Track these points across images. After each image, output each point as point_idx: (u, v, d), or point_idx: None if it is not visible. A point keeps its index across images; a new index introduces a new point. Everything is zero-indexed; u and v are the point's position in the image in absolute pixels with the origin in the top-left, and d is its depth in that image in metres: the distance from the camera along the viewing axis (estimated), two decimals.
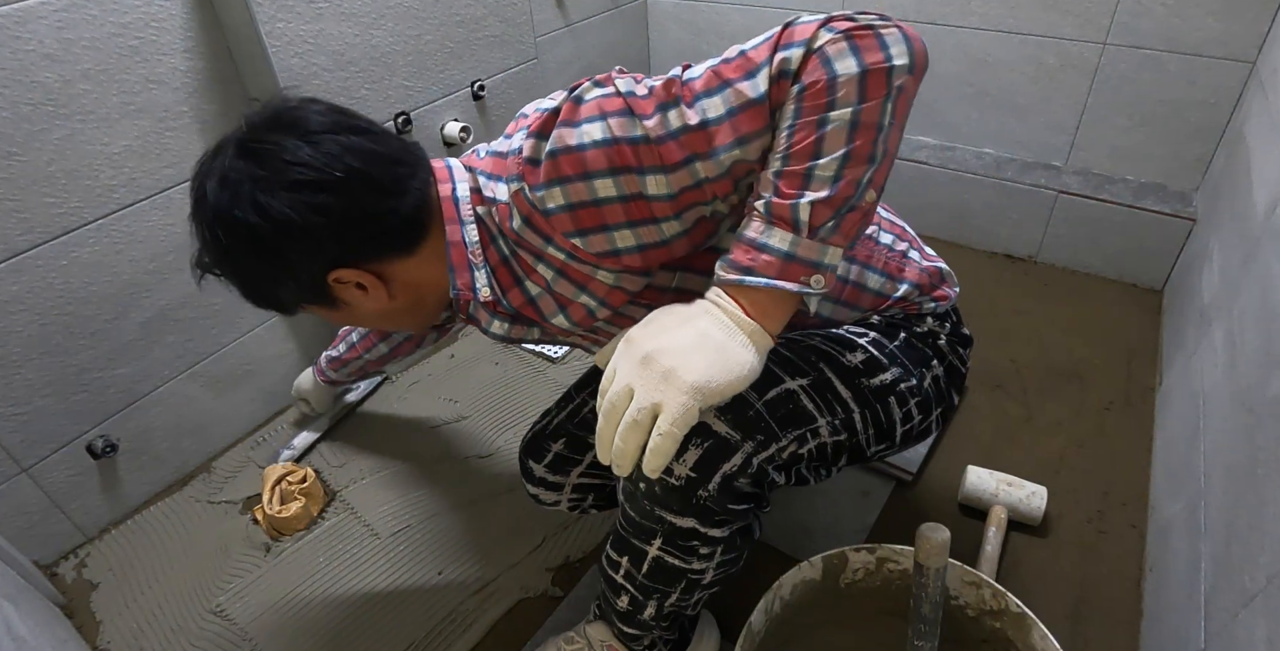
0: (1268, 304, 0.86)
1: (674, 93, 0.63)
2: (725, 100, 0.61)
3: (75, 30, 0.96)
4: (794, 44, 0.59)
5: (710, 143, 0.62)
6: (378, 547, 1.16)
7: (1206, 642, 0.74)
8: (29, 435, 1.09)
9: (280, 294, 0.75)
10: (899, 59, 0.59)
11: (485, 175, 0.74)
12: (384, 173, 0.70)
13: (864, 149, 0.59)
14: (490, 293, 0.76)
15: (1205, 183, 1.51)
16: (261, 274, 0.72)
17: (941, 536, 0.68)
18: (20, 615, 0.90)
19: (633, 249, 0.68)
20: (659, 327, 0.63)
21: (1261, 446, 0.75)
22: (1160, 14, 1.40)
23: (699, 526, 0.70)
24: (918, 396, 0.81)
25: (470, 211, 0.74)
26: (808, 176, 0.60)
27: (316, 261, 0.70)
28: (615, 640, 0.88)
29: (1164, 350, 1.41)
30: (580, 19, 1.79)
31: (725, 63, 0.62)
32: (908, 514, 1.16)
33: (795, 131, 0.59)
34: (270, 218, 0.66)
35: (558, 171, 0.64)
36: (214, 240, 0.69)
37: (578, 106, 0.65)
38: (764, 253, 0.62)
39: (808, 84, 0.58)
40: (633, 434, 0.61)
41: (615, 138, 0.63)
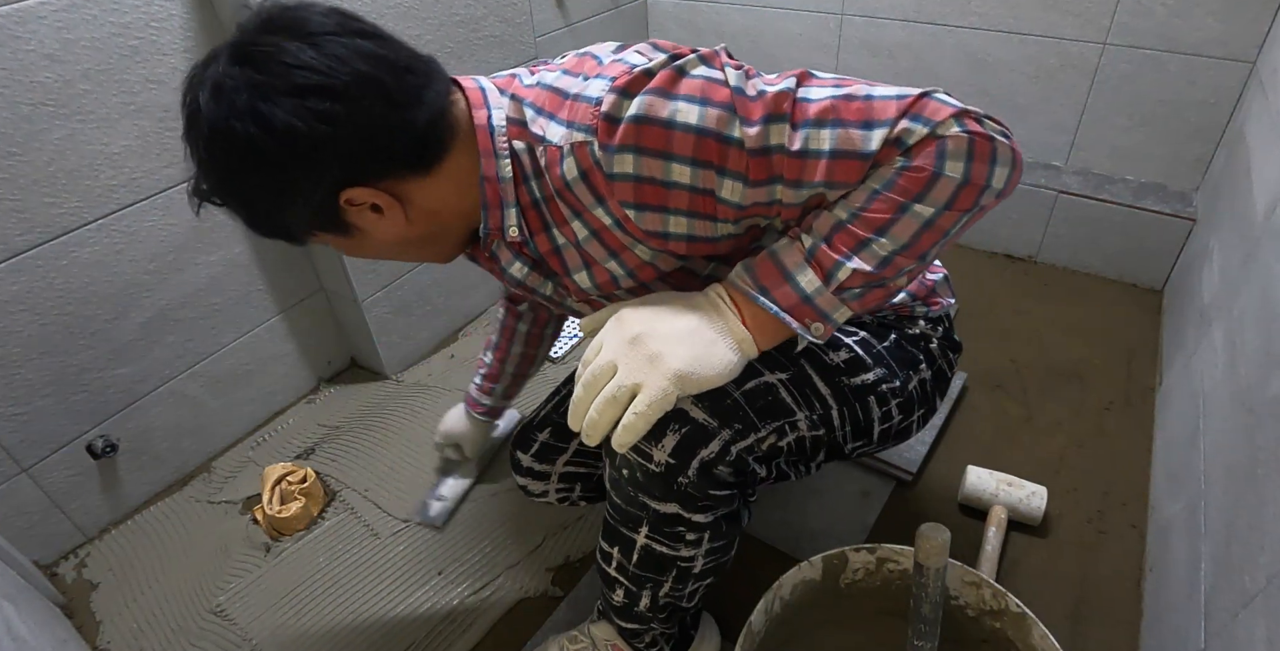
0: (1268, 304, 0.86)
1: (784, 108, 0.60)
2: (833, 139, 0.59)
3: (75, 30, 0.96)
4: (921, 119, 0.58)
5: (800, 172, 0.61)
6: (378, 547, 1.16)
7: (1206, 642, 0.74)
8: (29, 435, 1.09)
9: (288, 219, 0.67)
10: (998, 182, 0.60)
11: (534, 108, 0.67)
12: (396, 80, 0.63)
13: (923, 247, 0.62)
14: (519, 233, 0.72)
15: (1205, 183, 1.51)
16: (266, 196, 0.65)
17: (941, 536, 0.68)
18: (20, 615, 0.90)
19: (682, 237, 0.66)
20: (654, 311, 0.65)
21: (1261, 446, 0.75)
22: (1160, 14, 1.40)
23: (682, 512, 0.71)
24: (900, 397, 0.81)
25: (505, 143, 0.68)
26: (863, 245, 0.61)
27: (325, 178, 0.63)
28: (619, 639, 0.88)
29: (1164, 350, 1.41)
30: (580, 19, 1.79)
31: (848, 100, 0.59)
32: (908, 514, 1.16)
33: (876, 199, 0.60)
34: (272, 128, 0.59)
35: (638, 139, 0.60)
36: (211, 159, 0.63)
37: (679, 78, 0.61)
38: (787, 284, 0.64)
39: (912, 166, 0.58)
40: (609, 408, 0.63)
41: (710, 130, 0.60)
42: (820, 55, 1.82)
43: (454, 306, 1.61)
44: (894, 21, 1.68)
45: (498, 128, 0.68)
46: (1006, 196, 0.62)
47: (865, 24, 1.72)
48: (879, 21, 1.70)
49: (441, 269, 1.53)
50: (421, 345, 1.56)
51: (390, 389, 1.49)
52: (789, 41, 1.84)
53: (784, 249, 0.64)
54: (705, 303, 0.66)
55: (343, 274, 1.35)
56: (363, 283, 1.37)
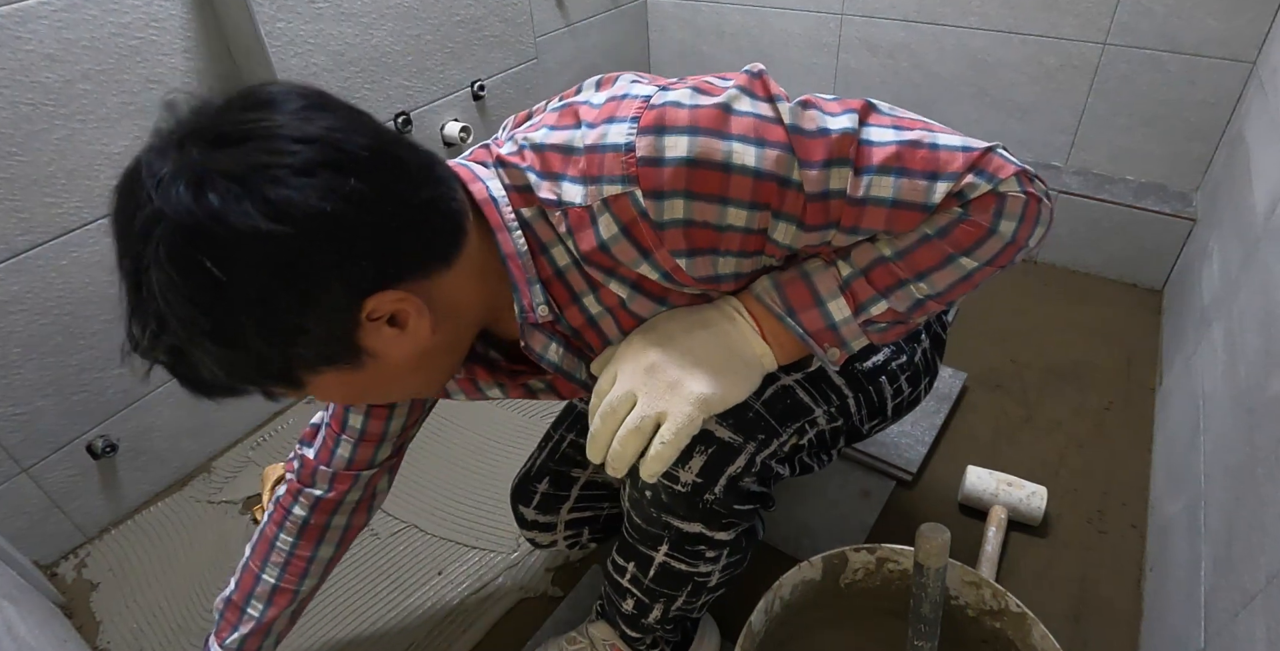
0: (1268, 304, 0.86)
1: (848, 152, 0.56)
2: (896, 189, 0.57)
3: (75, 30, 0.96)
4: (986, 175, 0.57)
5: (858, 220, 0.58)
6: (378, 547, 1.16)
7: (1206, 642, 0.74)
8: (29, 435, 1.09)
9: (291, 354, 0.53)
10: (1033, 242, 0.61)
11: (535, 172, 0.59)
12: (410, 155, 0.54)
13: (953, 296, 0.63)
14: (548, 310, 0.64)
15: (1205, 183, 1.51)
16: (271, 322, 0.50)
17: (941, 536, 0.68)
18: (20, 615, 0.90)
19: (729, 277, 0.62)
20: (665, 335, 0.62)
21: (1261, 446, 0.75)
22: (1160, 14, 1.40)
23: (705, 530, 0.70)
24: (908, 371, 0.82)
25: (512, 216, 0.61)
26: (901, 285, 0.61)
27: (353, 282, 0.51)
28: (619, 640, 0.88)
29: (1164, 350, 1.41)
30: (580, 19, 1.79)
31: (913, 147, 0.57)
32: (908, 514, 1.15)
33: (925, 244, 0.59)
34: (290, 217, 0.46)
35: (689, 184, 0.54)
36: (188, 283, 0.47)
37: (726, 116, 0.55)
38: (816, 310, 0.62)
39: (969, 221, 0.58)
40: (633, 439, 0.60)
41: (768, 172, 0.55)
42: (820, 55, 1.82)
43: None
44: (894, 21, 1.68)
45: (499, 199, 0.60)
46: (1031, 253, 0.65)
47: (865, 24, 1.72)
48: (879, 21, 1.70)
49: None
50: None
51: None
52: (789, 41, 1.84)
53: (818, 273, 0.62)
54: (720, 317, 0.64)
55: None
56: None
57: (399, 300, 0.53)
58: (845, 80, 1.82)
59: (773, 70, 1.90)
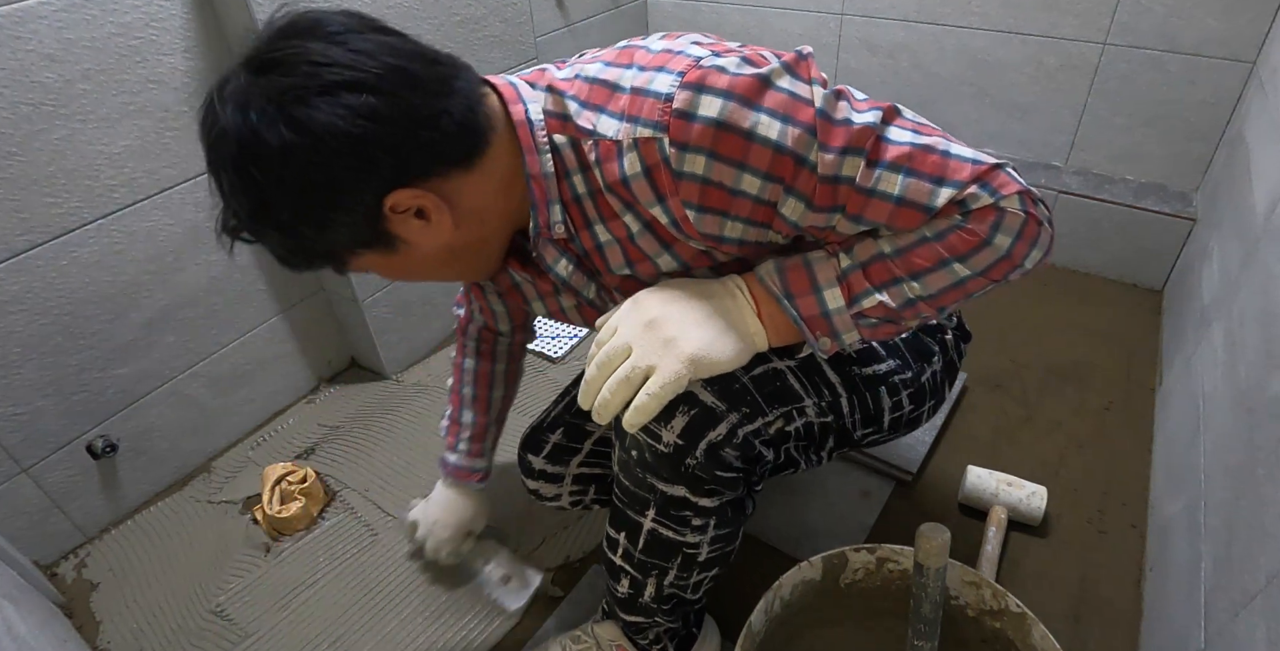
0: (1268, 304, 0.86)
1: (865, 144, 0.60)
2: (904, 187, 0.60)
3: (75, 30, 0.96)
4: (989, 188, 0.60)
5: (863, 209, 0.62)
6: (377, 547, 1.16)
7: (1206, 642, 0.74)
8: (29, 435, 1.09)
9: (330, 239, 0.64)
10: (1029, 263, 0.64)
11: (578, 101, 0.65)
12: (426, 70, 0.61)
13: (945, 301, 0.65)
14: (564, 229, 0.71)
15: (1205, 183, 1.51)
16: (308, 214, 0.61)
17: (941, 536, 0.68)
18: (20, 615, 0.90)
19: (734, 241, 0.66)
20: (670, 297, 0.66)
21: (1261, 446, 0.75)
22: (1160, 14, 1.40)
23: (689, 495, 0.72)
24: (911, 388, 0.82)
25: (545, 138, 0.67)
26: (895, 282, 0.64)
27: (371, 182, 0.60)
28: (624, 639, 0.88)
29: (1164, 350, 1.41)
30: (580, 19, 1.79)
31: (926, 151, 0.60)
32: (908, 514, 1.16)
33: (924, 246, 0.62)
34: (311, 132, 0.56)
35: (714, 144, 0.59)
36: (244, 183, 0.59)
37: (763, 88, 0.59)
38: (813, 296, 0.65)
39: (966, 229, 0.61)
40: (623, 389, 0.64)
41: (788, 148, 0.59)
42: (820, 55, 1.82)
43: None
44: (894, 21, 1.68)
45: (535, 122, 0.66)
46: (1026, 276, 0.66)
47: (865, 24, 1.72)
48: (879, 21, 1.70)
49: None
50: (421, 345, 1.56)
51: (390, 389, 1.49)
52: (789, 41, 1.84)
53: (819, 262, 0.66)
54: (723, 292, 0.68)
55: None
56: (363, 282, 1.37)
57: (417, 197, 0.62)
58: (845, 80, 1.82)
59: None
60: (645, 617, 0.85)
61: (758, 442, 0.72)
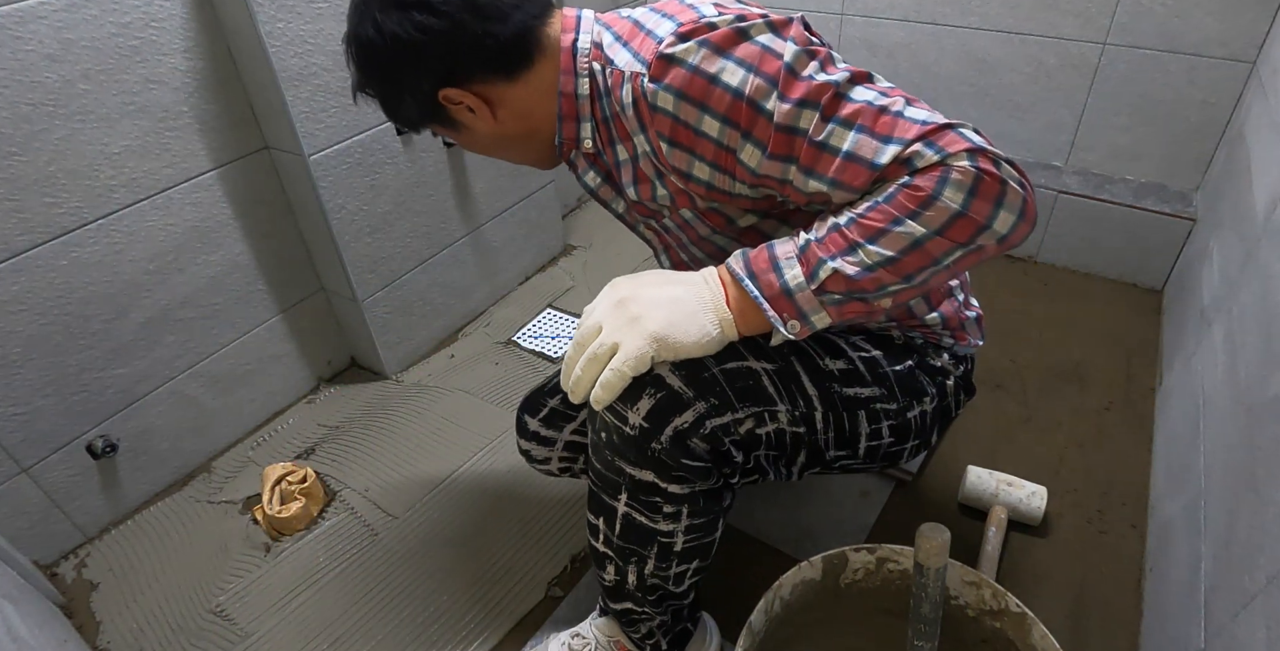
0: (1268, 304, 0.86)
1: (822, 98, 0.63)
2: (853, 143, 0.63)
3: (75, 30, 0.96)
4: (935, 147, 0.61)
5: (814, 163, 0.65)
6: (378, 547, 1.16)
7: (1206, 642, 0.74)
8: (29, 435, 1.09)
9: (406, 110, 0.79)
10: (1000, 226, 0.61)
11: (614, 35, 0.75)
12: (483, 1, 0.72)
13: (908, 267, 0.63)
14: (593, 144, 0.79)
15: (1205, 182, 1.51)
16: (389, 89, 0.77)
17: (941, 536, 0.68)
18: (20, 615, 0.90)
19: (701, 182, 0.71)
20: (643, 281, 0.70)
21: (1261, 446, 0.75)
22: (1160, 14, 1.40)
23: (658, 480, 0.72)
24: (894, 420, 0.81)
25: (586, 64, 0.75)
26: (851, 249, 0.64)
27: (425, 78, 0.74)
28: (622, 635, 0.88)
29: (1164, 350, 1.41)
30: None
31: (882, 112, 0.63)
32: (908, 514, 1.16)
33: (874, 209, 0.63)
34: (383, 33, 0.71)
35: (682, 85, 0.66)
36: (353, 58, 0.76)
37: (738, 40, 0.65)
38: (774, 274, 0.67)
39: (913, 184, 0.61)
40: (591, 366, 0.68)
41: (746, 96, 0.64)
42: None
43: (454, 306, 1.61)
44: (894, 21, 1.68)
45: (581, 50, 0.75)
46: (1011, 245, 0.64)
47: (865, 24, 1.72)
48: (879, 21, 1.70)
49: (441, 269, 1.53)
50: (421, 345, 1.56)
51: (390, 389, 1.49)
52: None
53: (781, 242, 0.68)
54: (695, 278, 0.71)
55: (343, 274, 1.35)
56: (363, 283, 1.37)
57: (463, 95, 0.75)
58: None
59: None
60: (634, 606, 0.85)
61: (727, 440, 0.72)
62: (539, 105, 0.78)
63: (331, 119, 1.21)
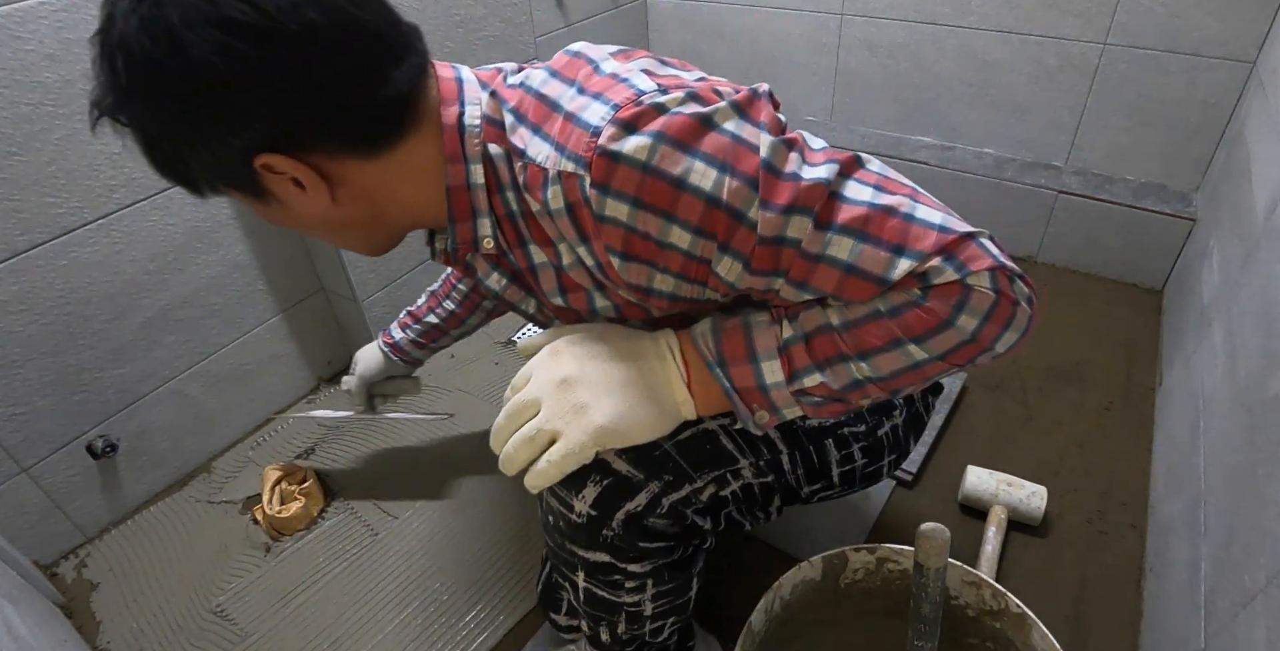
0: (1268, 304, 0.86)
1: (814, 202, 0.52)
2: (856, 254, 0.52)
3: (75, 30, 0.96)
4: (955, 262, 0.52)
5: (808, 276, 0.54)
6: (377, 547, 1.16)
7: (1206, 642, 0.74)
8: (29, 435, 1.09)
9: (190, 164, 0.57)
10: (1001, 346, 0.55)
11: (515, 114, 0.59)
12: (358, 46, 0.53)
13: (899, 383, 0.57)
14: (494, 245, 0.64)
15: (1205, 183, 1.51)
16: (165, 132, 0.55)
17: (941, 536, 0.68)
18: (20, 615, 0.90)
19: (665, 295, 0.60)
20: (591, 352, 0.61)
21: (1261, 446, 0.75)
22: (1160, 14, 1.40)
23: (615, 561, 0.67)
24: (864, 442, 0.76)
25: (478, 147, 0.60)
26: (841, 360, 0.56)
27: (240, 135, 0.53)
28: None
29: (1164, 350, 1.41)
30: (580, 19, 1.79)
31: (886, 213, 0.52)
32: (908, 514, 1.15)
33: (876, 323, 0.55)
34: (184, 56, 0.49)
35: (638, 191, 0.52)
36: (112, 73, 0.53)
37: (702, 131, 0.52)
38: (749, 366, 0.59)
39: (925, 306, 0.53)
40: (525, 448, 0.60)
41: (724, 202, 0.52)
42: (820, 55, 1.82)
43: None
44: (894, 21, 1.68)
45: (470, 128, 0.60)
46: (1002, 360, 0.59)
47: (865, 24, 1.72)
48: (879, 21, 1.70)
49: (441, 268, 1.53)
50: None
51: None
52: (789, 41, 1.84)
53: (759, 327, 0.59)
54: (652, 352, 0.61)
55: (343, 274, 1.35)
56: (363, 282, 1.37)
57: (293, 167, 0.56)
58: (845, 80, 1.82)
59: (773, 70, 1.91)
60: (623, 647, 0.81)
61: (689, 511, 0.67)
62: (399, 188, 0.61)
63: None
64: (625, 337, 0.62)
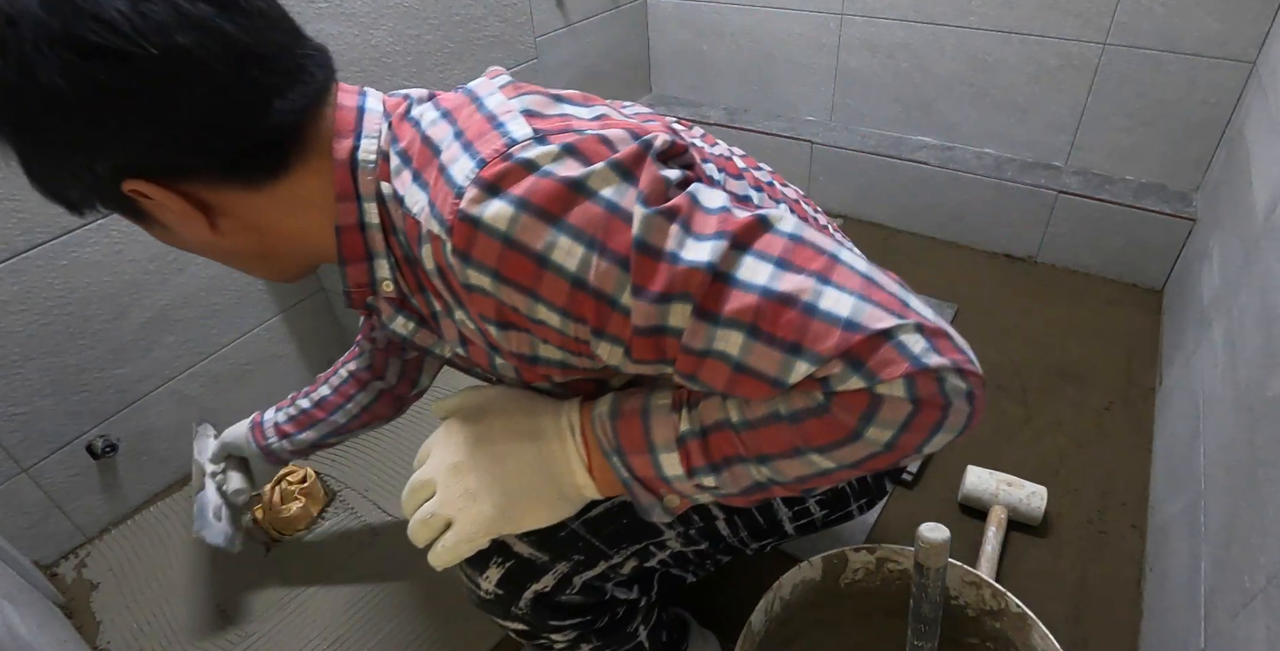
0: (1268, 304, 0.86)
1: (693, 289, 0.44)
2: (745, 351, 0.45)
3: None
4: (863, 370, 0.43)
5: (695, 370, 0.47)
6: (378, 547, 1.16)
7: (1206, 642, 0.74)
8: (29, 435, 1.09)
9: (63, 186, 0.53)
10: (931, 447, 0.47)
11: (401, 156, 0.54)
12: (235, 72, 0.48)
13: (809, 486, 0.51)
14: (394, 288, 0.59)
15: (1205, 183, 1.51)
16: (30, 151, 0.51)
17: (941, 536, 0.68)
18: (20, 615, 0.90)
19: (555, 364, 0.55)
20: (486, 434, 0.58)
21: (1261, 446, 0.75)
22: (1160, 14, 1.40)
23: (535, 629, 0.66)
24: (822, 494, 0.72)
25: (372, 184, 0.54)
26: (741, 461, 0.50)
27: (101, 161, 0.49)
28: None
29: (1164, 350, 1.41)
30: (580, 19, 1.79)
31: (782, 304, 0.44)
32: (908, 514, 1.16)
33: (774, 425, 0.48)
34: (33, 80, 0.45)
35: (499, 264, 0.47)
36: None
37: (571, 199, 0.45)
38: (648, 456, 0.53)
39: (829, 415, 0.45)
40: (423, 530, 0.58)
41: (590, 286, 0.46)
42: (820, 55, 1.82)
43: None
44: (894, 21, 1.68)
45: (364, 163, 0.54)
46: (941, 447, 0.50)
47: (865, 24, 1.72)
48: (879, 21, 1.70)
49: None
50: None
51: None
52: (789, 41, 1.84)
53: (659, 413, 0.53)
54: (551, 431, 0.57)
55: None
56: None
57: (162, 195, 0.51)
58: (845, 80, 1.82)
59: (772, 70, 1.92)
60: None
61: (608, 586, 0.65)
62: (286, 224, 0.56)
63: None
64: (527, 413, 0.58)
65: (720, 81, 2.03)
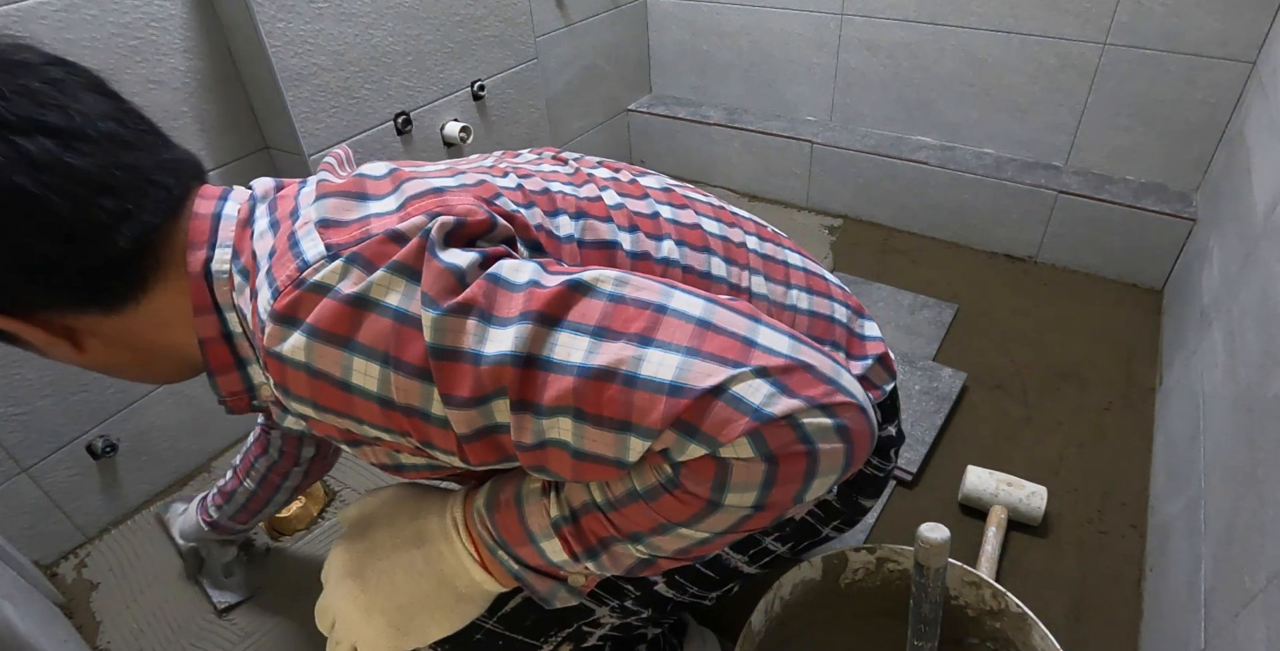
0: (1268, 304, 0.86)
1: (504, 382, 0.42)
2: (578, 436, 0.42)
3: (75, 30, 0.96)
4: (700, 436, 0.40)
5: (539, 462, 0.45)
6: None
7: (1206, 642, 0.74)
8: (29, 435, 1.09)
9: None
10: (814, 493, 0.44)
11: (244, 274, 0.50)
12: (72, 205, 0.45)
13: (698, 553, 0.49)
14: (271, 391, 0.54)
15: (1205, 183, 1.51)
16: None
17: (941, 536, 0.68)
18: (20, 615, 0.90)
19: (422, 467, 0.54)
20: (370, 546, 0.56)
21: (1261, 446, 0.75)
22: (1160, 14, 1.40)
23: None
24: (779, 532, 0.68)
25: (229, 294, 0.51)
26: (614, 542, 0.48)
27: None
28: None
29: (1164, 350, 1.41)
30: (580, 19, 1.79)
31: (601, 381, 0.41)
32: (908, 514, 1.16)
33: (632, 504, 0.45)
34: None
35: (313, 394, 0.45)
36: None
37: (359, 315, 0.43)
38: (531, 546, 0.50)
39: (680, 489, 0.43)
40: None
41: (398, 404, 0.44)
42: (820, 55, 1.82)
43: None
44: (894, 21, 1.68)
45: (217, 275, 0.51)
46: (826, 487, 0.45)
47: (865, 24, 1.72)
48: (879, 21, 1.70)
49: None
50: None
51: None
52: (789, 41, 1.84)
53: (530, 501, 0.51)
54: (438, 533, 0.55)
55: None
56: None
57: (15, 326, 0.50)
58: (845, 80, 1.82)
59: (773, 70, 1.92)
60: None
61: None
62: (155, 339, 0.54)
63: (332, 118, 1.21)
64: (411, 516, 0.56)
65: (720, 81, 2.03)
